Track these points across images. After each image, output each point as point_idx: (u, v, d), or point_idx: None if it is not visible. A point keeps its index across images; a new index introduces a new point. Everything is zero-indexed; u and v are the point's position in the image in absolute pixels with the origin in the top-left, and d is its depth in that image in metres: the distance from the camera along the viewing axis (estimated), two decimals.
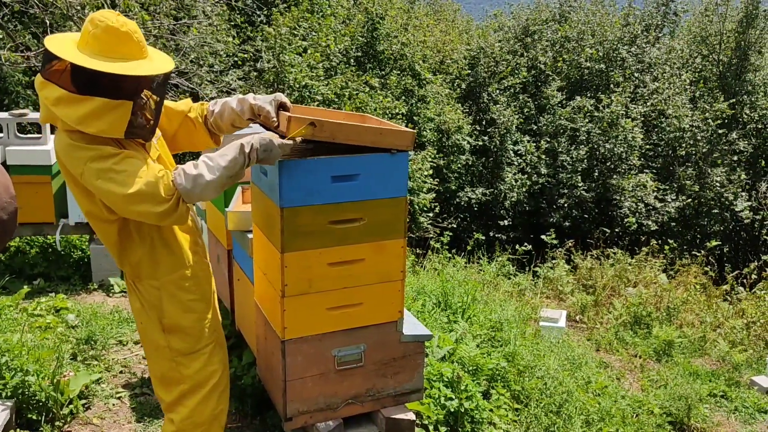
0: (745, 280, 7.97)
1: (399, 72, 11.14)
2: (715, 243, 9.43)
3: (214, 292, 2.52)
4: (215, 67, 8.66)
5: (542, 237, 9.00)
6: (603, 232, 10.49)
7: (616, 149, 12.08)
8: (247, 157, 2.20)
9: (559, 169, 12.34)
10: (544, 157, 12.42)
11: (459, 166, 11.60)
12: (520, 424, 3.72)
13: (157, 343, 2.36)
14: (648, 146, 12.83)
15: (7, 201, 1.91)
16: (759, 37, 13.77)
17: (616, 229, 11.76)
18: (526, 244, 8.24)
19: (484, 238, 8.92)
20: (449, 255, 7.63)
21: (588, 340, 6.02)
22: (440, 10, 18.45)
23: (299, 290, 2.47)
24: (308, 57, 9.44)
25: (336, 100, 9.32)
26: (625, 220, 11.54)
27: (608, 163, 12.32)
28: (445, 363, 3.63)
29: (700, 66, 14.28)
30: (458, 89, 12.60)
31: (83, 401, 3.40)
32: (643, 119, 12.81)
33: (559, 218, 12.02)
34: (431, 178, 10.13)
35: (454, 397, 3.39)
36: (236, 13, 10.32)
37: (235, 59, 9.38)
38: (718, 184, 12.60)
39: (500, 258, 7.71)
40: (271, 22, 9.95)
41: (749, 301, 7.28)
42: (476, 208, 12.04)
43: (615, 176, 12.15)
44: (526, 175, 12.31)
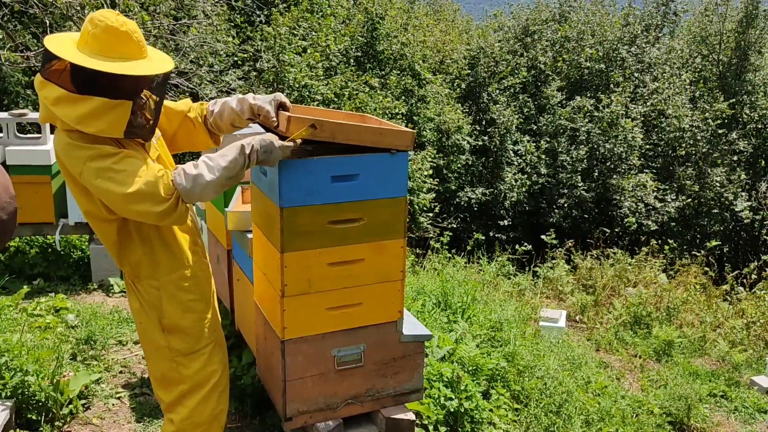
0: (745, 280, 7.98)
1: (399, 72, 11.14)
2: (715, 243, 9.43)
3: (213, 292, 2.52)
4: (215, 67, 8.66)
5: (542, 237, 9.00)
6: (603, 232, 10.49)
7: (616, 149, 12.08)
8: (248, 158, 2.20)
9: (559, 169, 12.33)
10: (544, 157, 12.42)
11: (459, 166, 11.60)
12: (520, 424, 3.72)
13: (156, 343, 2.36)
14: (648, 146, 12.82)
15: (7, 201, 1.91)
16: (759, 37, 13.76)
17: (616, 229, 11.75)
18: (526, 244, 8.23)
19: (484, 238, 8.93)
20: (449, 255, 7.63)
21: (588, 340, 6.02)
22: (440, 10, 18.43)
23: (299, 290, 2.47)
24: (308, 57, 9.44)
25: (336, 99, 9.32)
26: (625, 220, 11.54)
27: (608, 163, 12.32)
28: (444, 363, 3.63)
29: (700, 66, 14.28)
30: (458, 89, 12.60)
31: (83, 401, 3.40)
32: (643, 119, 12.80)
33: (559, 218, 12.01)
34: (431, 178, 10.13)
35: (454, 397, 3.39)
36: (236, 13, 10.32)
37: (235, 59, 9.38)
38: (718, 184, 12.60)
39: (500, 258, 7.71)
40: (271, 22, 9.94)
41: (749, 301, 7.28)
42: (476, 208, 12.03)
43: (615, 176, 12.14)
44: (526, 175, 12.31)
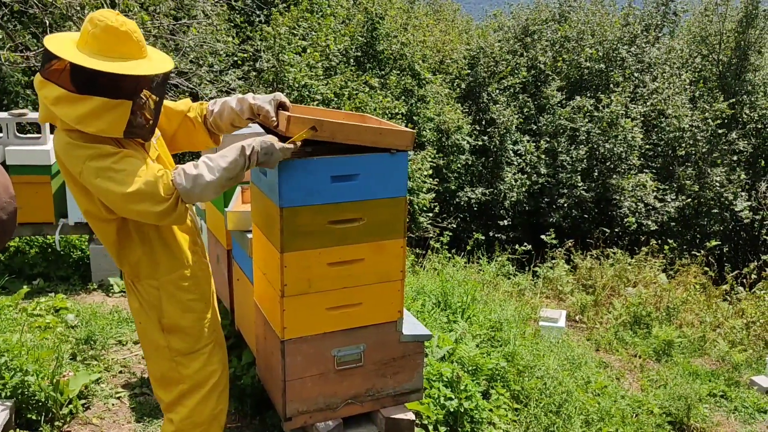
0: (745, 280, 7.98)
1: (399, 72, 11.14)
2: (714, 243, 9.43)
3: (213, 292, 2.52)
4: (215, 67, 8.66)
5: (542, 237, 8.99)
6: (603, 232, 10.49)
7: (615, 149, 12.08)
8: (248, 160, 2.20)
9: (559, 169, 12.33)
10: (543, 157, 12.41)
11: (459, 165, 11.60)
12: (520, 424, 3.72)
13: (156, 343, 2.35)
14: (648, 146, 12.82)
15: (7, 201, 1.90)
16: (759, 37, 13.76)
17: (616, 229, 11.75)
18: (526, 243, 8.23)
19: (484, 238, 8.93)
20: (449, 255, 7.63)
21: (588, 340, 6.02)
22: (440, 10, 18.43)
23: (299, 290, 2.47)
24: (307, 57, 9.43)
25: (335, 99, 9.32)
26: (625, 220, 11.54)
27: (608, 163, 12.32)
28: (444, 363, 3.63)
29: (700, 66, 14.27)
30: (458, 89, 12.59)
31: (83, 401, 3.40)
32: (643, 119, 12.80)
33: (559, 218, 12.01)
34: (431, 178, 10.13)
35: (454, 397, 3.39)
36: (236, 13, 10.32)
37: (235, 59, 9.38)
38: (718, 184, 12.59)
39: (500, 258, 7.71)
40: (271, 22, 9.94)
41: (749, 301, 7.28)
42: (476, 208, 12.03)
43: (615, 176, 12.14)
44: (526, 175, 12.31)
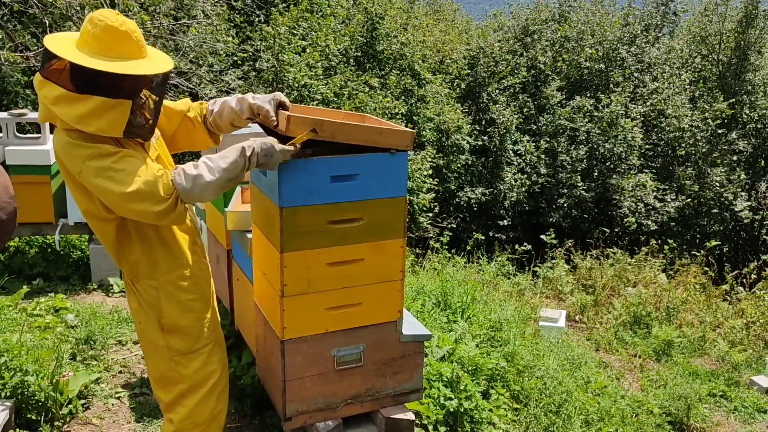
0: (745, 280, 7.98)
1: (398, 72, 11.13)
2: (714, 243, 9.43)
3: (212, 292, 2.51)
4: (214, 67, 8.66)
5: (542, 237, 8.99)
6: (602, 232, 10.49)
7: (615, 149, 12.08)
8: (248, 161, 2.20)
9: (559, 169, 12.33)
10: (543, 157, 12.41)
11: (458, 165, 11.60)
12: (520, 424, 3.72)
13: (155, 342, 2.35)
14: (648, 146, 12.82)
15: (7, 201, 1.90)
16: (759, 37, 13.76)
17: (616, 229, 11.75)
18: (526, 243, 8.23)
19: (484, 238, 8.93)
20: (449, 255, 7.62)
21: (587, 340, 6.02)
22: (440, 9, 18.43)
23: (298, 290, 2.47)
24: (307, 56, 9.43)
25: (335, 99, 9.32)
26: (625, 220, 11.54)
27: (608, 163, 12.32)
28: (444, 363, 3.63)
29: (700, 66, 14.27)
30: (458, 89, 12.59)
31: (82, 401, 3.40)
32: (643, 119, 12.80)
33: (559, 218, 12.01)
34: (431, 178, 10.12)
35: (454, 397, 3.39)
36: (236, 13, 10.32)
37: (235, 59, 9.38)
38: (718, 184, 12.59)
39: (500, 258, 7.71)
40: (270, 22, 9.94)
41: (749, 301, 7.28)
42: (476, 208, 12.03)
43: (614, 176, 12.14)
44: (526, 175, 12.30)
